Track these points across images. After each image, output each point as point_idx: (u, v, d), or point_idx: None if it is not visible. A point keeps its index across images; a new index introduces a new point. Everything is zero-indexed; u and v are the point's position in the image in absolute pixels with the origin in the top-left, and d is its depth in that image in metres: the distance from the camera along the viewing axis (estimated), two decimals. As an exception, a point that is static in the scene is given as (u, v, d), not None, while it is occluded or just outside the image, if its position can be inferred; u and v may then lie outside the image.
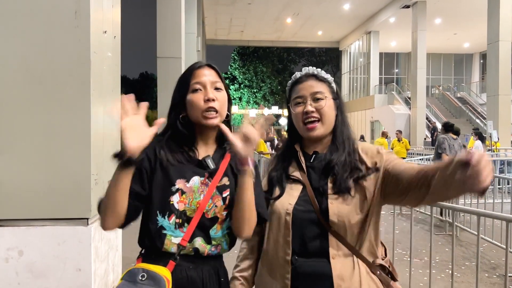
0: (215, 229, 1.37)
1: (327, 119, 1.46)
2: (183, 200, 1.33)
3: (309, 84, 1.48)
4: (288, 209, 1.40)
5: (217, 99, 1.38)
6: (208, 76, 1.41)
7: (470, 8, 22.60)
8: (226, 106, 1.43)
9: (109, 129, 2.10)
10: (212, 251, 1.37)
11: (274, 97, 42.83)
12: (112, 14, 2.19)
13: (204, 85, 1.39)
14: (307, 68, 1.55)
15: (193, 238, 1.34)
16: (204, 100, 1.37)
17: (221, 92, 1.41)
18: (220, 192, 1.38)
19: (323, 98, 1.46)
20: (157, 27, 9.95)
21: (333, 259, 1.36)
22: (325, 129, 1.46)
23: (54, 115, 1.76)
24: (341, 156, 1.42)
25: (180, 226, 1.33)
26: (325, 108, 1.45)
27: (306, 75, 1.51)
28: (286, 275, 1.38)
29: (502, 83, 15.60)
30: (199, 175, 1.38)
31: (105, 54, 2.03)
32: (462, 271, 4.53)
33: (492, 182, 8.63)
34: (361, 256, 1.39)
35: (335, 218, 1.36)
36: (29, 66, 1.75)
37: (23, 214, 1.77)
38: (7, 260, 1.74)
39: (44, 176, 1.77)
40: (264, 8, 25.10)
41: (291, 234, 1.39)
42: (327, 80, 1.52)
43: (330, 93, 1.49)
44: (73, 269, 1.78)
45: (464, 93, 31.43)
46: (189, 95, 1.40)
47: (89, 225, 1.80)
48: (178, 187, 1.34)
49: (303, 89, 1.48)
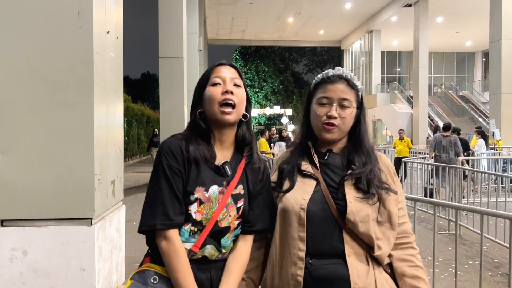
0: (226, 237, 1.37)
1: (346, 127, 1.45)
2: (200, 210, 1.32)
3: (340, 88, 1.44)
4: (302, 205, 1.37)
5: (235, 94, 1.37)
6: (228, 73, 1.41)
7: (472, 6, 22.53)
8: (243, 103, 1.42)
9: (112, 129, 2.10)
10: (219, 257, 1.37)
11: (276, 97, 42.79)
12: (114, 15, 2.19)
13: (224, 80, 1.39)
14: (341, 69, 1.48)
15: (204, 246, 1.34)
16: (222, 92, 1.36)
17: (240, 89, 1.40)
18: (235, 202, 1.37)
19: (349, 107, 1.43)
20: (159, 27, 9.96)
21: (349, 257, 1.34)
22: (340, 134, 1.45)
23: (58, 115, 1.77)
24: (368, 166, 1.42)
25: (193, 233, 1.33)
26: (347, 118, 1.43)
27: (339, 76, 1.46)
28: (298, 272, 1.34)
29: (505, 81, 15.54)
30: (217, 184, 1.36)
31: (107, 55, 2.04)
32: (466, 270, 4.52)
33: (495, 180, 8.62)
34: (375, 255, 1.38)
35: (353, 216, 1.34)
36: (33, 66, 1.76)
37: (27, 214, 1.77)
38: (11, 260, 1.75)
39: (48, 176, 1.77)
40: (266, 8, 25.08)
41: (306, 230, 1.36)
42: (357, 88, 1.48)
43: (355, 102, 1.46)
44: (77, 268, 1.78)
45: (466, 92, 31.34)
46: (208, 88, 1.39)
47: (92, 225, 1.81)
48: (197, 196, 1.32)
49: (332, 90, 1.43)
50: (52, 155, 1.77)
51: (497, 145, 13.08)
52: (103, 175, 1.94)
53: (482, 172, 7.80)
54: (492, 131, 13.46)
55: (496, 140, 13.09)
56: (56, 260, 1.77)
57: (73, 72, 1.78)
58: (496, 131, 13.33)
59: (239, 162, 1.42)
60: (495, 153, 12.24)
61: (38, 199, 1.77)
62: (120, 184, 2.32)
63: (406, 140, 12.65)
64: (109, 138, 2.04)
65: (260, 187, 1.44)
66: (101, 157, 1.90)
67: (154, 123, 24.14)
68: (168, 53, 9.96)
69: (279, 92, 42.99)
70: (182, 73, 10.08)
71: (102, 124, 1.92)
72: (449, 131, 9.29)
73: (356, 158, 1.43)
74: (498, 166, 10.43)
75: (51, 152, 1.77)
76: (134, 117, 21.17)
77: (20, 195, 1.76)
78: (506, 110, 15.39)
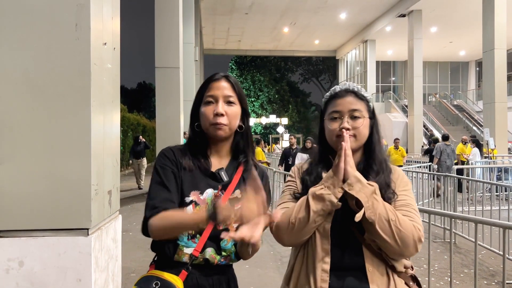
0: (226, 240, 1.39)
1: (362, 137, 1.44)
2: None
3: (348, 100, 1.45)
4: None
5: (226, 114, 1.41)
6: (222, 89, 1.43)
7: (466, 16, 22.82)
8: (237, 119, 1.45)
9: (109, 140, 2.11)
10: (221, 262, 1.39)
11: (272, 106, 42.93)
12: (111, 26, 2.21)
13: (217, 99, 1.42)
14: (347, 83, 1.52)
15: (204, 249, 1.36)
16: (213, 114, 1.41)
17: (233, 107, 1.44)
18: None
19: (361, 117, 1.44)
20: (155, 37, 10.02)
21: (369, 271, 1.34)
22: (357, 144, 1.44)
23: (55, 125, 1.78)
24: (381, 176, 1.42)
25: (192, 237, 1.36)
26: (361, 128, 1.43)
27: (346, 90, 1.48)
28: (323, 285, 1.35)
29: (498, 90, 15.70)
30: (212, 188, 1.40)
31: (105, 66, 2.06)
32: (461, 278, 4.53)
33: (490, 189, 8.67)
34: (394, 267, 1.38)
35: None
36: (30, 78, 1.77)
37: (23, 225, 1.77)
38: (7, 271, 1.75)
39: (44, 187, 1.78)
40: (261, 18, 25.28)
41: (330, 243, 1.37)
42: (366, 98, 1.49)
43: (367, 112, 1.47)
44: (74, 279, 1.78)
45: (460, 101, 31.60)
46: (202, 106, 1.44)
47: (89, 235, 1.81)
48: (192, 199, 1.37)
49: (341, 104, 1.45)
50: (49, 166, 1.78)
51: (492, 154, 13.16)
52: (100, 185, 1.95)
53: (477, 181, 7.84)
54: (487, 140, 13.56)
55: (491, 148, 13.18)
56: (52, 270, 1.76)
57: (70, 83, 1.80)
58: (490, 140, 13.43)
59: (236, 169, 1.46)
60: (489, 161, 12.32)
61: (34, 210, 1.77)
62: (117, 194, 2.33)
63: (400, 149, 12.75)
64: (106, 148, 2.05)
65: None
66: (98, 167, 1.91)
67: (150, 132, 24.11)
68: (164, 63, 10.00)
69: (274, 102, 43.13)
70: (178, 83, 10.12)
71: (99, 135, 1.94)
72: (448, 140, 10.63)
73: (370, 171, 1.43)
74: (492, 175, 10.49)
75: (48, 163, 1.78)
76: (130, 126, 21.16)
77: (16, 206, 1.76)
78: (499, 119, 15.53)
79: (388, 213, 1.31)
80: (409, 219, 1.35)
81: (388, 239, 1.30)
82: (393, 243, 1.31)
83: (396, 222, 1.31)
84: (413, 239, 1.31)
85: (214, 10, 23.52)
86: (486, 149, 13.17)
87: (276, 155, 18.94)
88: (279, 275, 4.61)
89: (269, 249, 5.58)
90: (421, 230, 1.35)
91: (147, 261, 1.53)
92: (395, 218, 1.31)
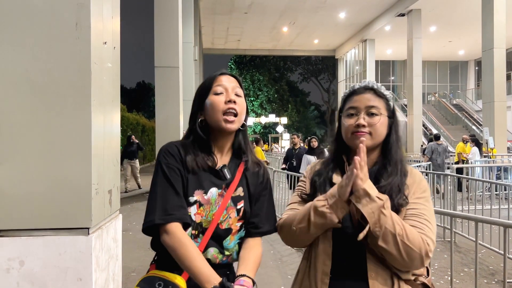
0: (229, 239, 1.39)
1: (378, 135, 1.40)
2: (200, 212, 1.35)
3: (366, 97, 1.42)
4: None
5: (237, 103, 1.41)
6: (229, 82, 1.44)
7: (465, 16, 22.82)
8: (245, 112, 1.45)
9: (109, 139, 2.11)
10: (223, 261, 1.39)
11: (271, 105, 42.92)
12: (112, 25, 2.21)
13: (226, 88, 1.42)
14: (367, 80, 1.49)
15: (207, 249, 1.35)
16: (225, 102, 1.39)
17: (241, 98, 1.44)
18: (234, 204, 1.39)
19: (378, 114, 1.40)
20: (155, 37, 10.01)
21: (371, 277, 1.30)
22: (373, 142, 1.40)
23: (55, 125, 1.78)
24: (393, 178, 1.36)
25: (195, 237, 1.35)
26: (377, 125, 1.38)
27: (365, 87, 1.45)
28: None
29: (497, 90, 15.69)
30: (217, 187, 1.39)
31: (105, 65, 2.06)
32: (461, 277, 4.53)
33: (489, 188, 8.68)
34: (401, 274, 1.32)
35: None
36: (31, 77, 1.77)
37: (24, 224, 1.77)
38: (8, 270, 1.74)
39: (45, 186, 1.78)
40: (261, 17, 25.26)
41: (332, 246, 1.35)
42: (386, 96, 1.45)
43: (386, 110, 1.43)
44: (74, 279, 1.78)
45: (460, 100, 31.61)
46: (210, 97, 1.42)
47: (89, 234, 1.81)
48: (196, 199, 1.36)
49: (358, 101, 1.42)
50: (50, 165, 1.78)
51: (491, 153, 13.18)
52: (100, 185, 1.95)
53: (477, 180, 7.85)
54: (486, 139, 13.57)
55: (490, 148, 13.19)
56: (53, 270, 1.76)
57: (70, 82, 1.79)
58: (490, 139, 13.45)
59: (237, 166, 1.46)
60: (489, 160, 12.33)
61: (35, 209, 1.77)
62: (117, 193, 2.32)
63: (400, 148, 12.79)
64: (106, 147, 2.05)
65: (261, 189, 1.47)
66: (98, 167, 1.91)
67: (149, 132, 24.09)
68: (164, 63, 10.00)
69: (274, 101, 43.13)
70: (177, 82, 10.12)
71: (100, 134, 1.94)
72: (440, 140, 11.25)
73: (384, 173, 1.38)
74: (492, 174, 10.51)
75: (49, 162, 1.78)
76: (129, 126, 21.15)
77: (17, 205, 1.76)
78: (498, 118, 15.52)
79: (396, 227, 1.25)
80: (418, 231, 1.28)
81: (393, 252, 1.25)
82: (398, 257, 1.26)
83: (403, 236, 1.25)
84: (419, 254, 1.25)
85: (213, 9, 23.50)
86: (485, 148, 13.18)
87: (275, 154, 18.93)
88: (279, 274, 4.61)
89: (269, 249, 5.58)
90: (430, 244, 1.27)
91: (148, 260, 1.53)
92: (402, 232, 1.25)
